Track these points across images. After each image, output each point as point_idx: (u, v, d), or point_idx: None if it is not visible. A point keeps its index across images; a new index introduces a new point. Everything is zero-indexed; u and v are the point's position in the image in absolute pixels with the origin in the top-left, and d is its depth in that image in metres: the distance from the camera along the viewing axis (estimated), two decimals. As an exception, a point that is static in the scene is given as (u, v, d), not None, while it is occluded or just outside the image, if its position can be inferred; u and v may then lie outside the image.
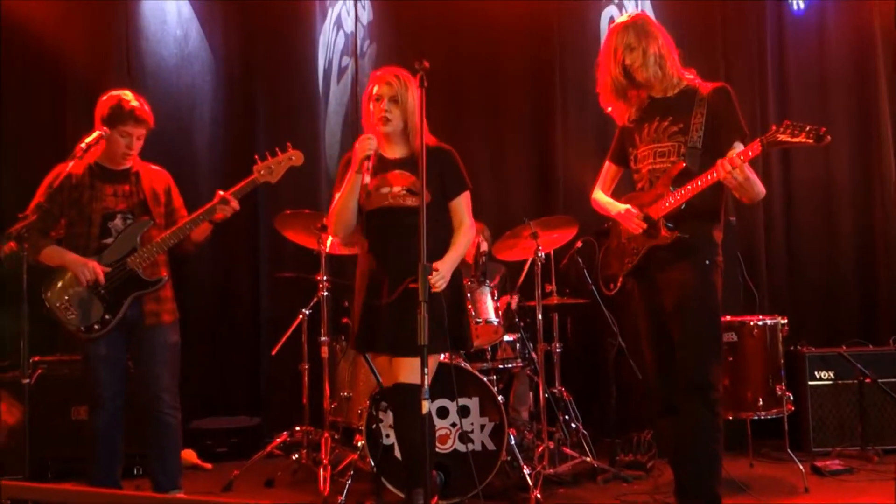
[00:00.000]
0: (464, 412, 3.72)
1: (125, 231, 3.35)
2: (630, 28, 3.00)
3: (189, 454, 4.49)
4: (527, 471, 3.77)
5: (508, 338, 4.17)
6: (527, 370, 4.41)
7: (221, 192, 3.34)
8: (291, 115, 5.37)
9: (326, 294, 4.19)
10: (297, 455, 4.27)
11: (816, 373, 4.64)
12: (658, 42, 2.99)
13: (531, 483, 3.71)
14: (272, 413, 5.12)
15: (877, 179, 5.43)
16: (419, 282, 2.52)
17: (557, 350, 4.42)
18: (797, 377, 4.62)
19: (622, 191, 3.27)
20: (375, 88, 3.06)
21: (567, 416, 4.41)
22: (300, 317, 4.34)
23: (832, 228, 5.47)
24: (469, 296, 3.76)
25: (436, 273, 2.85)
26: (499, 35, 5.52)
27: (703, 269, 2.94)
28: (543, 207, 5.24)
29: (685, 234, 2.91)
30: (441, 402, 3.67)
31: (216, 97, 5.41)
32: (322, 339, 4.18)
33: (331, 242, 4.21)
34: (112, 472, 3.40)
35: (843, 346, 4.73)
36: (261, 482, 4.17)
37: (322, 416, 4.20)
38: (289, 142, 3.42)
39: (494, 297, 4.07)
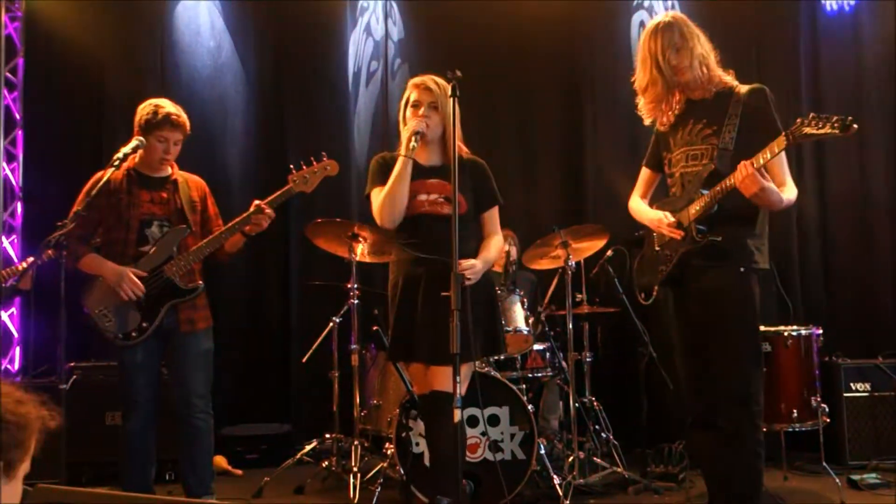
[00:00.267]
0: (494, 421, 3.71)
1: (163, 238, 3.39)
2: (674, 27, 2.88)
3: (220, 460, 4.52)
4: (557, 481, 3.75)
5: (538, 346, 4.15)
6: (557, 379, 4.39)
7: (258, 201, 3.37)
8: (321, 126, 5.42)
9: (357, 302, 4.21)
10: (327, 462, 4.28)
11: (852, 384, 4.56)
12: (701, 41, 2.90)
13: (561, 493, 3.69)
14: (302, 420, 5.15)
15: (913, 188, 5.34)
16: (451, 290, 2.50)
17: (588, 359, 4.40)
18: (833, 389, 4.54)
19: (659, 197, 3.22)
20: (414, 94, 3.03)
21: (597, 426, 4.38)
22: (330, 325, 4.37)
23: (868, 239, 5.37)
24: (499, 304, 3.75)
25: (468, 264, 2.85)
26: (528, 43, 5.51)
27: (739, 277, 2.85)
28: (573, 216, 5.22)
29: (717, 238, 2.82)
30: (471, 411, 3.66)
31: (248, 108, 5.48)
32: (352, 347, 4.19)
33: (361, 251, 4.24)
34: (145, 477, 3.43)
35: (880, 358, 4.64)
36: (290, 489, 4.19)
37: (352, 424, 4.22)
38: (323, 152, 3.43)
39: (524, 306, 4.07)
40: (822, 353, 4.28)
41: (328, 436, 4.38)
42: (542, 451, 3.81)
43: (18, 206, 5.11)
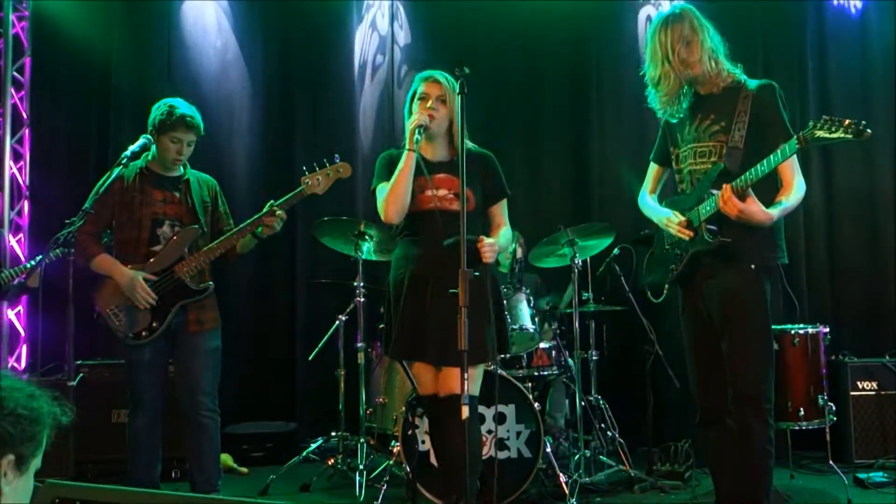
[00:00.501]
0: (500, 419, 3.71)
1: (174, 238, 3.40)
2: (684, 19, 2.84)
3: (226, 459, 4.52)
4: (563, 479, 3.75)
5: (544, 345, 4.15)
6: (563, 377, 4.39)
7: (272, 203, 3.35)
8: (328, 124, 5.43)
9: (363, 300, 4.21)
10: (333, 460, 4.29)
11: (859, 383, 4.55)
12: (710, 34, 2.86)
13: (567, 491, 3.69)
14: (308, 418, 5.16)
15: (921, 187, 5.32)
16: (460, 287, 2.48)
17: (594, 357, 4.40)
18: (839, 387, 4.53)
19: (667, 193, 3.22)
20: (422, 87, 3.00)
21: (603, 425, 4.38)
22: (336, 323, 4.37)
23: (874, 237, 5.36)
24: (505, 303, 3.75)
25: (489, 241, 2.86)
26: (535, 44, 5.52)
27: (750, 275, 2.82)
28: (579, 215, 5.21)
29: (727, 239, 2.79)
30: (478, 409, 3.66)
31: (254, 106, 5.49)
32: (358, 346, 4.20)
33: (367, 249, 4.24)
34: (151, 473, 3.45)
35: (887, 356, 4.63)
36: (296, 487, 4.19)
37: (358, 422, 4.22)
38: (336, 153, 3.41)
39: (530, 304, 4.06)
40: (829, 352, 4.27)
41: (334, 434, 4.39)
42: (549, 450, 3.81)
43: (25, 205, 5.13)
